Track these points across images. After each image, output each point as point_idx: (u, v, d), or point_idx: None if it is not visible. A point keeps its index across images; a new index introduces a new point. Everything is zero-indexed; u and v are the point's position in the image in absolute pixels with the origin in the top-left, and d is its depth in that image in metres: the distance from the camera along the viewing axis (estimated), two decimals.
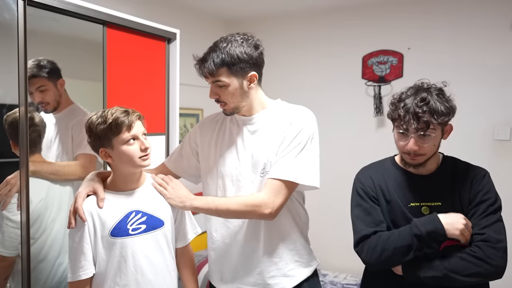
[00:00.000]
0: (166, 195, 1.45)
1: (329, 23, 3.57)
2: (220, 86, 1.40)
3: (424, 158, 1.38)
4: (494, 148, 3.02)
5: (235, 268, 1.50)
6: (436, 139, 1.36)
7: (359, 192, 1.48)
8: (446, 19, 3.15)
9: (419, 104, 1.31)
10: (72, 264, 1.33)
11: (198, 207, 1.42)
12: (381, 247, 1.35)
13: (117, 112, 1.34)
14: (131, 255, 1.35)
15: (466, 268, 1.28)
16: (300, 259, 1.50)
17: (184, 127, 3.51)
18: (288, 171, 1.37)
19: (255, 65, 1.42)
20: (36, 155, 1.68)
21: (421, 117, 1.30)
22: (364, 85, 3.44)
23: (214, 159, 1.52)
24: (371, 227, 1.40)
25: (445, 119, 1.32)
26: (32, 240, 1.60)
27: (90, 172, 1.49)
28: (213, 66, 1.36)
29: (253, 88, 1.44)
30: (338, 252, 3.33)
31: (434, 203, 1.39)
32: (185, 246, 1.54)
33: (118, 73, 1.92)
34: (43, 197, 1.68)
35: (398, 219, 1.41)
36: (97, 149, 1.37)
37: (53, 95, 1.77)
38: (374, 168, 1.54)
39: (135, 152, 1.34)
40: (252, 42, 1.41)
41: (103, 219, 1.34)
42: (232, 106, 1.44)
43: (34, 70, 1.68)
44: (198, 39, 3.51)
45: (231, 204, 1.39)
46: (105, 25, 1.84)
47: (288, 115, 1.45)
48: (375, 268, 1.42)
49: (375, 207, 1.44)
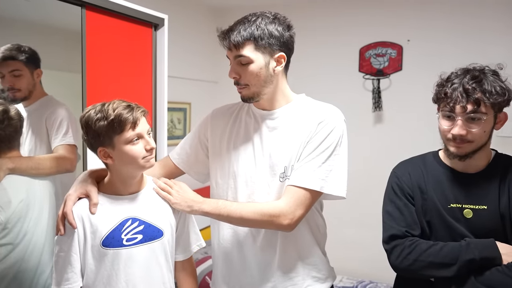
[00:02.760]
0: (171, 200, 1.34)
1: (325, 13, 3.51)
2: (242, 63, 1.29)
3: (471, 147, 1.26)
4: (497, 144, 2.92)
5: (244, 280, 1.41)
6: (487, 125, 1.25)
7: (394, 187, 1.40)
8: (447, 10, 3.11)
9: (469, 82, 1.23)
10: (58, 275, 1.25)
11: (208, 212, 1.31)
12: (415, 257, 1.27)
13: (119, 107, 1.23)
14: (123, 268, 1.26)
15: (504, 284, 1.17)
16: (317, 274, 1.41)
17: (171, 122, 3.40)
18: (313, 179, 1.27)
19: (285, 46, 1.32)
20: (14, 151, 1.61)
21: (470, 95, 1.22)
22: (362, 78, 3.39)
23: (227, 156, 1.41)
24: (402, 226, 1.33)
25: (498, 99, 1.22)
26: (11, 246, 1.54)
27: (73, 163, 1.41)
28: (239, 37, 1.26)
29: (279, 73, 1.33)
30: (334, 254, 3.24)
31: (479, 206, 1.29)
32: (186, 260, 1.43)
33: (99, 63, 1.80)
34: (23, 197, 1.60)
35: (434, 221, 1.33)
36: (95, 148, 1.27)
37: (26, 83, 1.71)
38: (414, 163, 1.44)
39: (139, 152, 1.25)
40: (284, 21, 1.33)
41: (95, 226, 1.25)
42: (253, 90, 1.31)
43: (13, 52, 1.65)
44: (184, 29, 3.42)
45: (245, 212, 1.28)
46: (84, 7, 1.71)
47: (316, 114, 1.34)
48: (402, 274, 1.37)
49: (409, 206, 1.36)
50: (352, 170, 1.46)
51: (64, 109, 1.76)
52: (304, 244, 1.38)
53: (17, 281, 1.57)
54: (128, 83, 1.94)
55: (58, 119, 1.73)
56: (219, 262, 1.46)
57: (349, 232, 3.36)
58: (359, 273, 3.25)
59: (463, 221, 1.29)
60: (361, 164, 3.23)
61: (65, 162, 1.70)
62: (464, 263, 1.21)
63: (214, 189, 1.46)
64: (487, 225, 1.28)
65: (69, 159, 1.70)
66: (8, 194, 1.51)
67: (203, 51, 3.59)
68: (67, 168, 1.70)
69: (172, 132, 3.39)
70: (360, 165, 3.23)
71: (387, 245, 1.34)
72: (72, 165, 1.71)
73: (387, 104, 3.31)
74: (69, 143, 1.72)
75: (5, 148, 1.57)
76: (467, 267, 1.21)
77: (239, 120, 1.43)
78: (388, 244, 1.34)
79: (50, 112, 1.74)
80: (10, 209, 1.52)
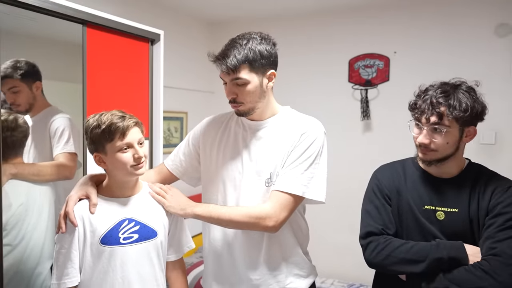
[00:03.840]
0: (165, 203, 1.40)
1: (316, 26, 3.57)
2: (239, 84, 1.36)
3: (436, 155, 1.33)
4: (479, 152, 3.03)
5: (233, 277, 1.46)
6: (450, 137, 1.30)
7: (373, 189, 1.46)
8: (432, 24, 3.19)
9: (438, 95, 1.28)
10: (58, 270, 1.28)
11: (199, 215, 1.38)
12: (388, 252, 1.32)
13: (113, 117, 1.29)
14: (120, 265, 1.30)
15: (469, 281, 1.21)
16: (299, 272, 1.48)
17: (168, 131, 3.45)
18: (296, 185, 1.35)
19: (274, 63, 1.41)
20: (18, 157, 1.66)
21: (435, 108, 1.27)
22: (351, 88, 3.44)
23: (216, 162, 1.48)
24: (378, 224, 1.39)
25: (460, 115, 1.26)
26: (10, 246, 1.56)
27: (72, 171, 1.45)
28: (235, 61, 1.32)
29: (270, 88, 1.42)
30: (325, 257, 3.30)
31: (451, 209, 1.34)
32: (177, 260, 1.48)
33: (99, 75, 1.86)
34: (23, 201, 1.64)
35: (409, 221, 1.38)
36: (92, 153, 1.34)
37: (25, 97, 1.75)
38: (394, 167, 1.50)
39: (127, 160, 1.30)
40: (270, 40, 1.40)
41: (94, 226, 1.30)
42: (248, 106, 1.39)
43: (8, 70, 1.67)
44: (181, 42, 3.53)
45: (234, 215, 1.35)
46: (85, 24, 1.78)
47: (299, 125, 1.42)
48: (374, 268, 1.41)
49: (387, 206, 1.42)
50: (342, 176, 1.54)
51: (66, 119, 1.80)
52: (287, 244, 1.44)
53: (15, 282, 1.59)
54: (126, 94, 1.99)
55: (60, 128, 1.77)
56: (209, 261, 1.51)
57: (341, 237, 3.38)
58: (350, 276, 3.27)
59: (436, 223, 1.34)
60: (350, 170, 3.26)
61: (64, 169, 1.73)
62: (432, 261, 1.26)
63: (205, 193, 1.52)
64: (457, 227, 1.32)
65: (68, 167, 1.74)
66: (9, 197, 1.53)
67: (200, 62, 3.60)
68: (66, 176, 1.74)
69: (169, 140, 3.42)
70: (349, 172, 3.26)
71: (363, 240, 1.39)
72: (71, 172, 1.75)
73: (375, 113, 3.37)
74: (69, 151, 1.76)
75: (11, 154, 1.62)
76: (435, 265, 1.26)
77: (229, 129, 1.49)
78: (364, 240, 1.39)
79: (53, 121, 1.78)
80: (9, 211, 1.54)
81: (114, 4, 2.85)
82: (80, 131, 1.79)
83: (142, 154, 1.32)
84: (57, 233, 1.30)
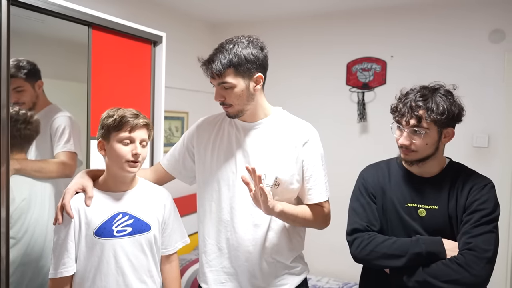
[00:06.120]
0: (270, 201, 1.35)
1: (315, 29, 3.61)
2: (226, 88, 1.39)
3: (416, 155, 1.38)
4: (472, 155, 3.09)
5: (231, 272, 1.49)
6: (429, 139, 1.35)
7: (360, 187, 1.52)
8: (428, 29, 3.23)
9: (417, 99, 1.33)
10: (55, 261, 1.33)
11: (283, 210, 1.39)
12: (372, 248, 1.38)
13: (127, 112, 1.35)
14: (113, 257, 1.34)
15: (445, 274, 1.28)
16: (293, 270, 1.52)
17: (169, 130, 3.49)
18: (326, 192, 1.51)
19: (261, 67, 1.42)
20: (23, 153, 1.69)
21: (414, 111, 1.32)
22: (348, 91, 3.49)
23: (211, 162, 1.51)
24: (364, 221, 1.44)
25: (437, 117, 1.31)
26: (14, 240, 1.59)
27: (72, 169, 1.46)
28: (220, 66, 1.36)
29: (259, 91, 1.45)
30: (321, 256, 3.36)
31: (431, 206, 1.40)
32: (171, 254, 1.51)
33: (103, 75, 1.90)
34: (26, 196, 1.67)
35: (392, 218, 1.44)
36: (98, 139, 1.39)
37: (29, 96, 1.76)
38: (379, 166, 1.55)
39: (124, 153, 1.34)
40: (257, 44, 1.42)
41: (89, 218, 1.34)
42: (237, 108, 1.42)
43: (12, 70, 1.66)
44: (184, 43, 3.58)
45: (307, 215, 1.47)
46: (91, 26, 1.82)
47: (297, 133, 1.48)
48: (360, 263, 1.46)
49: (372, 204, 1.47)
50: (338, 177, 1.60)
51: (67, 118, 1.81)
52: (284, 244, 1.48)
53: (18, 274, 1.62)
54: (129, 93, 2.03)
55: (61, 127, 1.78)
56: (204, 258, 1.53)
57: (336, 236, 3.32)
58: (345, 275, 3.31)
59: (418, 219, 1.40)
60: (347, 171, 3.23)
61: (65, 168, 1.75)
62: (412, 255, 1.32)
63: (200, 191, 1.55)
64: (437, 223, 1.38)
65: (69, 166, 1.76)
66: (13, 192, 1.54)
67: None
68: (66, 174, 1.75)
69: (170, 140, 3.47)
70: (346, 172, 3.25)
71: (350, 236, 1.45)
72: (71, 171, 1.76)
73: (371, 115, 3.41)
74: (70, 150, 1.77)
75: (18, 149, 1.63)
76: (415, 259, 1.32)
77: (222, 130, 1.52)
78: (350, 236, 1.45)
79: (54, 120, 1.79)
80: (13, 205, 1.56)
81: (118, 6, 2.90)
82: (81, 130, 1.83)
83: (140, 151, 1.36)
84: (54, 224, 1.34)
